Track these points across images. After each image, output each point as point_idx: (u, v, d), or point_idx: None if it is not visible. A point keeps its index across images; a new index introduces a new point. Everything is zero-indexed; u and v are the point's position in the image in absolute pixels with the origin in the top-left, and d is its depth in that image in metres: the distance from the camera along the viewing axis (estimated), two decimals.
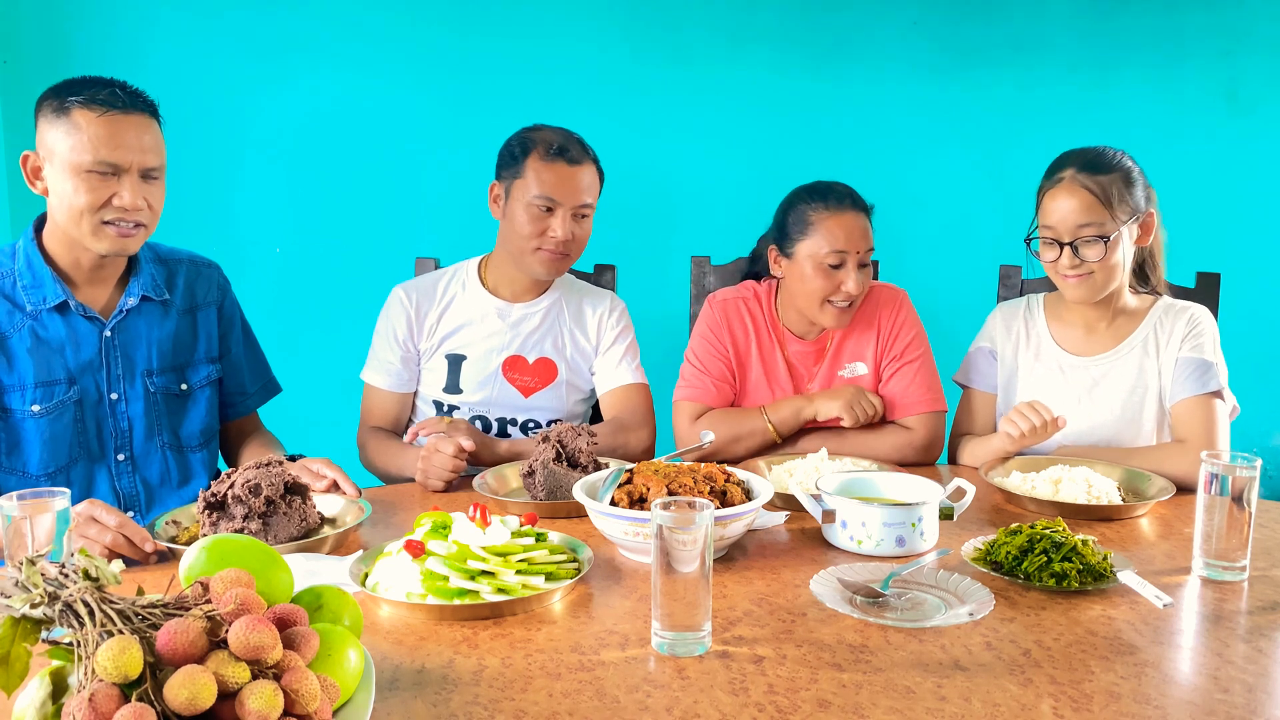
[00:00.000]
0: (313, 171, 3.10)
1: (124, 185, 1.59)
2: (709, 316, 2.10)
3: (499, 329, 2.06)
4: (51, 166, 1.60)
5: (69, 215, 1.60)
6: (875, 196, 2.00)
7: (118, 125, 1.58)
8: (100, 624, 0.76)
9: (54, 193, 1.61)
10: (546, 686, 1.03)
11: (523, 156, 1.97)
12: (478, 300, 2.07)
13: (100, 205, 1.59)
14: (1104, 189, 1.79)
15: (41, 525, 1.16)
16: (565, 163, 1.95)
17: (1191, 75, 3.25)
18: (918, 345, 2.04)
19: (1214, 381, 1.83)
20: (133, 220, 1.62)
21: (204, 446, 1.83)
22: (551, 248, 1.97)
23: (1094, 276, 1.82)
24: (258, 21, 3.00)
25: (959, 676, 1.05)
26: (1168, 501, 1.66)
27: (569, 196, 1.95)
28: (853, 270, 1.92)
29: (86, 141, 1.56)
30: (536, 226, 1.96)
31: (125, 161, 1.59)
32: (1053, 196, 1.83)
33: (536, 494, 1.67)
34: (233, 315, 1.91)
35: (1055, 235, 1.82)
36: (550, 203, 1.95)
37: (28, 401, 1.64)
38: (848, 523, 1.45)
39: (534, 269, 2.01)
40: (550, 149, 1.95)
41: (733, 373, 2.07)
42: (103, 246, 1.63)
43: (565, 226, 1.96)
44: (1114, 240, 1.79)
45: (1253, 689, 1.03)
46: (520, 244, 1.99)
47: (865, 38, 3.22)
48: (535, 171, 1.95)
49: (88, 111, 1.57)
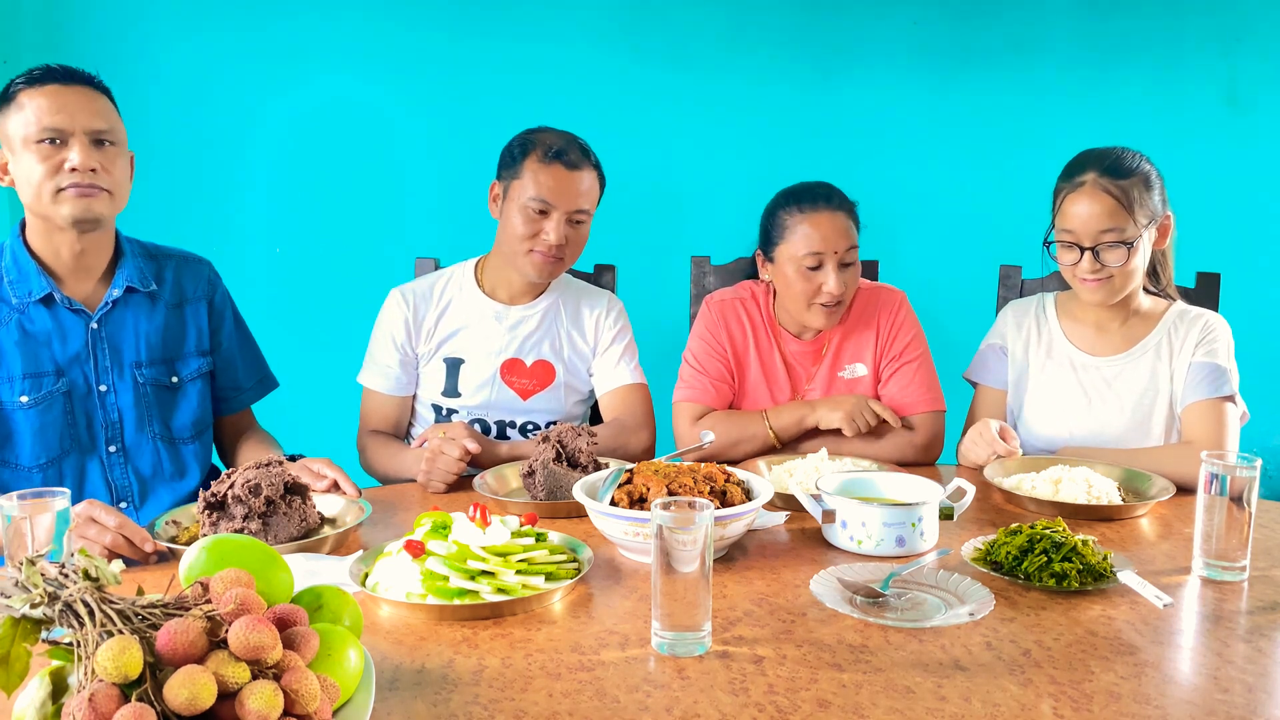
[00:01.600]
0: (313, 171, 3.10)
1: (72, 148, 1.61)
2: (706, 317, 2.10)
3: (497, 332, 2.05)
4: (13, 155, 1.63)
5: (33, 193, 1.62)
6: (876, 196, 2.00)
7: (59, 95, 1.61)
8: (100, 624, 0.76)
9: (18, 180, 1.64)
10: (546, 686, 1.03)
11: (522, 158, 1.96)
12: (475, 303, 2.07)
13: (54, 173, 1.61)
14: (1126, 194, 1.78)
15: (41, 525, 1.16)
16: (563, 166, 1.93)
17: (1191, 75, 3.25)
18: (917, 345, 2.04)
19: (1226, 386, 1.82)
20: (88, 181, 1.62)
21: (196, 439, 1.83)
22: (543, 250, 1.96)
23: (1113, 281, 1.81)
24: (258, 22, 3.00)
25: (959, 676, 1.05)
26: (1168, 501, 1.66)
27: (564, 200, 1.94)
28: (832, 270, 1.91)
29: (31, 115, 1.60)
30: (530, 229, 1.95)
31: (69, 126, 1.61)
32: (1074, 200, 1.81)
33: (536, 494, 1.67)
34: (224, 309, 1.90)
35: (1076, 239, 1.80)
36: (545, 205, 1.93)
37: (16, 393, 1.66)
38: (848, 523, 1.44)
39: (526, 271, 2.00)
40: (549, 152, 1.94)
41: (731, 373, 2.07)
42: (65, 210, 1.62)
43: (559, 230, 1.94)
44: (1135, 246, 1.79)
45: (1252, 689, 1.03)
46: (514, 245, 1.98)
47: (865, 38, 3.22)
48: (532, 173, 1.94)
49: (30, 89, 1.61)
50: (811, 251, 1.91)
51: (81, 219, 1.64)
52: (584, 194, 1.97)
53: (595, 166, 2.00)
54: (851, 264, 1.95)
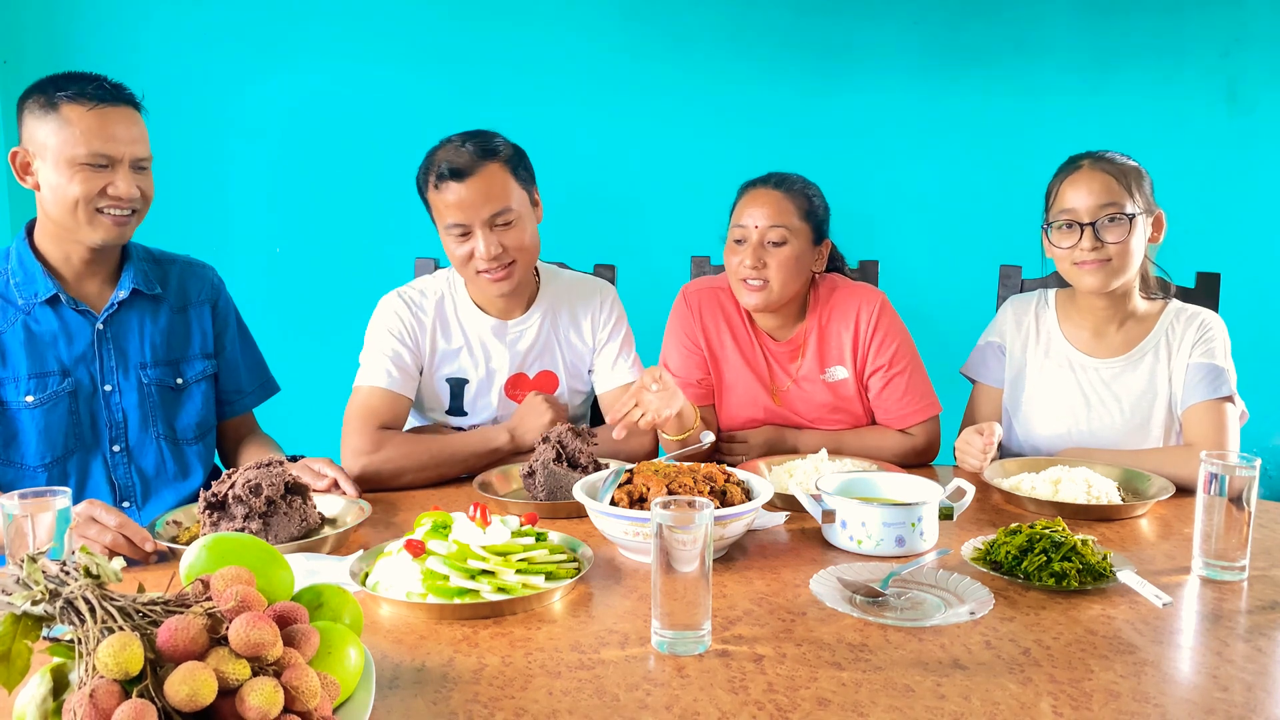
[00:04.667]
0: (313, 171, 3.11)
1: (118, 176, 1.63)
2: (680, 311, 2.10)
3: (497, 350, 2.00)
4: (43, 161, 1.63)
5: (63, 207, 1.63)
6: (876, 196, 2.01)
7: (108, 118, 1.62)
8: (101, 621, 0.76)
9: (46, 186, 1.63)
10: (546, 685, 1.03)
11: (425, 189, 1.88)
12: (471, 320, 1.99)
13: (95, 195, 1.63)
14: (1123, 174, 1.81)
15: (42, 523, 1.17)
16: (454, 182, 1.81)
17: (1191, 75, 3.25)
18: (904, 352, 2.02)
19: (1225, 387, 1.82)
20: (127, 208, 1.66)
21: (199, 440, 1.84)
22: (484, 268, 1.86)
23: (1111, 264, 1.81)
24: (258, 22, 3.01)
25: (958, 675, 1.05)
26: (1167, 501, 1.66)
27: (473, 213, 1.82)
28: (752, 245, 1.92)
29: (79, 135, 1.60)
30: (464, 252, 1.86)
31: (118, 153, 1.63)
32: (1072, 183, 1.83)
33: (537, 494, 1.67)
34: (227, 314, 1.92)
35: (1075, 217, 1.81)
36: (461, 227, 1.83)
37: (21, 393, 1.66)
38: (848, 523, 1.45)
39: (488, 290, 1.91)
40: (439, 174, 1.82)
41: (707, 371, 2.07)
42: (98, 236, 1.65)
43: (488, 242, 1.83)
44: (1134, 222, 1.80)
45: (1252, 688, 1.03)
46: (464, 272, 1.91)
47: (866, 38, 3.22)
48: (436, 200, 1.85)
49: (77, 106, 1.61)
50: (736, 224, 1.95)
51: (113, 244, 1.69)
52: (495, 195, 1.83)
53: (501, 158, 1.84)
54: (780, 244, 1.93)
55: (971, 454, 1.82)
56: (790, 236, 1.93)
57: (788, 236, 1.93)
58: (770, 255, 1.93)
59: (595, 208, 3.13)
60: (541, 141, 2.02)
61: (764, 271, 1.93)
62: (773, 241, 1.93)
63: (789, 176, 1.99)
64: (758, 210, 1.94)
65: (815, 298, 2.05)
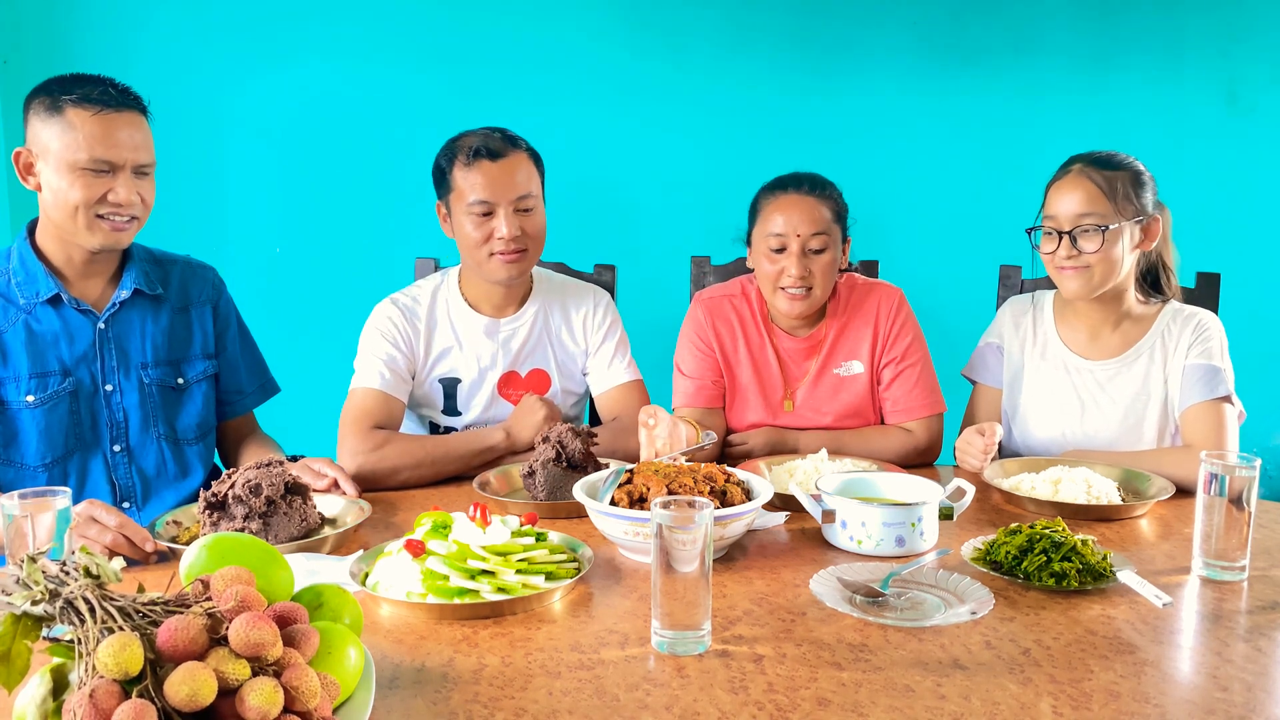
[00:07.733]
0: (313, 171, 3.11)
1: (119, 182, 1.63)
2: (694, 318, 2.10)
3: (489, 349, 2.02)
4: (45, 163, 1.62)
5: (63, 210, 1.63)
6: (876, 196, 2.00)
7: (111, 123, 1.61)
8: (101, 621, 0.76)
9: (48, 188, 1.63)
10: (546, 685, 1.03)
11: (449, 169, 1.92)
12: (464, 320, 2.02)
13: (95, 200, 1.62)
14: (1109, 183, 1.80)
15: (42, 523, 1.17)
16: (488, 160, 1.89)
17: (1191, 75, 3.25)
18: (917, 348, 2.04)
19: (1222, 387, 1.82)
20: (127, 214, 1.65)
21: (200, 440, 1.84)
22: (502, 249, 1.91)
23: (1090, 271, 1.81)
24: (258, 22, 3.01)
25: (958, 675, 1.05)
26: (1167, 501, 1.66)
27: (502, 192, 1.89)
28: (795, 254, 1.91)
29: (82, 140, 1.59)
30: (482, 232, 1.91)
31: (120, 159, 1.62)
32: (1058, 189, 1.84)
33: (537, 494, 1.67)
34: (228, 315, 1.92)
35: (1056, 225, 1.83)
36: (486, 205, 1.89)
37: (22, 392, 1.66)
38: (848, 523, 1.45)
39: (495, 275, 1.95)
40: (471, 153, 1.89)
41: (720, 374, 2.07)
42: (96, 241, 1.65)
43: (509, 223, 1.89)
44: (1113, 233, 1.79)
45: (1252, 688, 1.03)
46: (474, 254, 1.94)
47: (865, 37, 3.22)
48: (463, 178, 1.90)
49: (81, 110, 1.60)
50: (774, 233, 1.92)
51: (111, 249, 1.69)
52: (522, 180, 1.91)
53: (526, 149, 1.95)
54: (821, 251, 1.93)
55: (972, 454, 1.82)
56: (830, 243, 1.93)
57: (828, 243, 1.93)
58: (814, 263, 1.93)
59: (595, 208, 3.12)
60: (542, 141, 2.02)
61: (809, 279, 1.93)
62: (814, 249, 1.93)
63: (816, 178, 1.99)
64: (797, 217, 1.92)
65: (836, 295, 2.06)
